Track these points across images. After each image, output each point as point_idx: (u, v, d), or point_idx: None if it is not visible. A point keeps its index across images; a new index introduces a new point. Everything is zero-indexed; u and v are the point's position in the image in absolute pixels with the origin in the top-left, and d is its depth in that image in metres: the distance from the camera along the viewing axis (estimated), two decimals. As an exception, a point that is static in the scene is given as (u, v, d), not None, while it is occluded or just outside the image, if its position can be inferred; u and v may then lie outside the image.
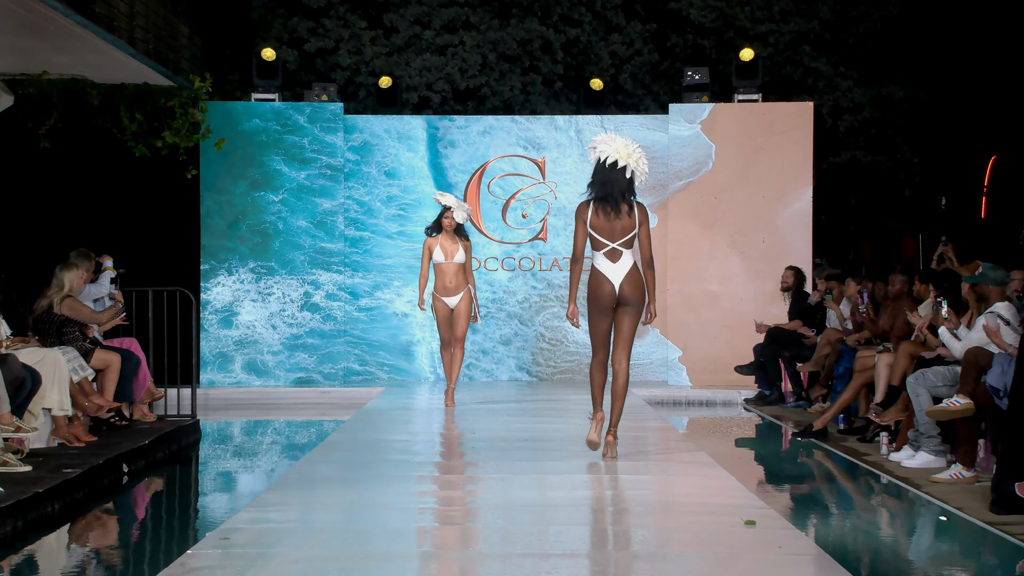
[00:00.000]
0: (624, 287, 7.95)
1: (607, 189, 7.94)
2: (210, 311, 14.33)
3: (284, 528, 6.15)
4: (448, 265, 11.11)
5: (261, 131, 14.43)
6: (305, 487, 7.28)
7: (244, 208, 14.38)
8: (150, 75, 13.13)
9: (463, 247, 11.14)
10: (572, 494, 7.01)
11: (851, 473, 8.98)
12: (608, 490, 7.26)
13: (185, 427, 10.69)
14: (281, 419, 12.80)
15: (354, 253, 14.74)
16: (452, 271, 11.12)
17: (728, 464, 8.31)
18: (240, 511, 6.56)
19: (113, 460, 8.68)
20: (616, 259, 7.97)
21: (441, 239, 11.13)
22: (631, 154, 7.95)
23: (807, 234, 14.41)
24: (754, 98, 14.65)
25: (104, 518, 7.77)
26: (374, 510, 6.61)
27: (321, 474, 7.75)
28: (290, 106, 14.55)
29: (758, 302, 14.32)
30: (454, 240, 11.14)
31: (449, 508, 6.88)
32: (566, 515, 6.46)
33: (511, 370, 14.84)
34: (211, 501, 8.43)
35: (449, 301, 11.19)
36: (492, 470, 7.86)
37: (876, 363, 10.01)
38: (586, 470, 7.75)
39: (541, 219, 14.94)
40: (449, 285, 11.13)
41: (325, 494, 7.05)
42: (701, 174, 14.47)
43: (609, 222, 7.93)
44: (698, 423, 12.49)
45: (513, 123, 14.95)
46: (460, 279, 11.15)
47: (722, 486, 7.29)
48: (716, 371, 14.19)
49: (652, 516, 6.70)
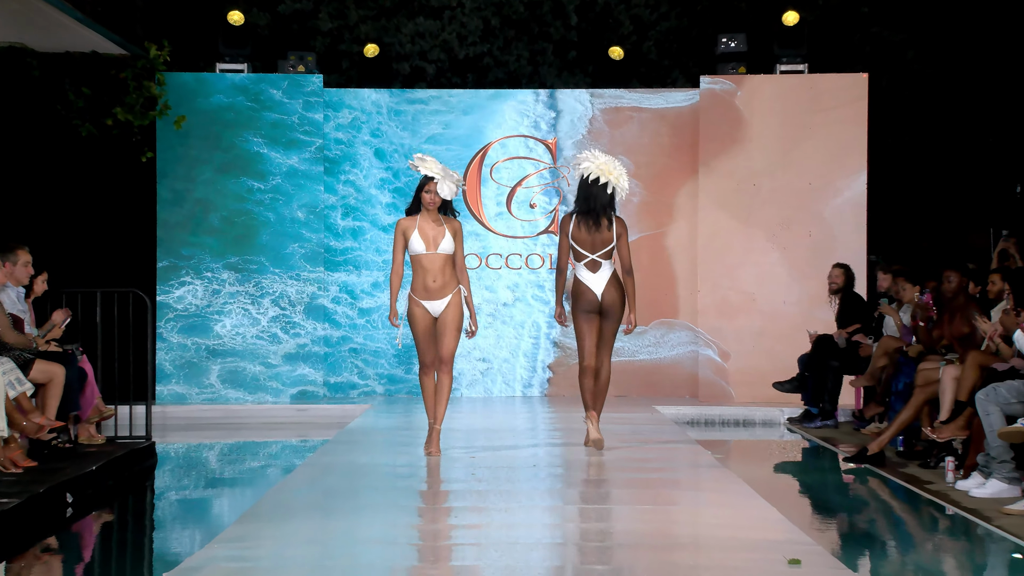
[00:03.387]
0: (605, 295, 9.73)
1: (589, 204, 9.72)
2: (172, 316, 14.32)
3: (253, 567, 6.14)
4: (430, 257, 9.46)
5: (228, 108, 14.43)
6: (277, 519, 7.26)
7: (208, 197, 14.37)
8: (99, 42, 13.14)
9: (451, 232, 9.48)
10: (588, 527, 6.99)
11: (911, 504, 8.96)
12: (630, 523, 7.25)
13: (139, 450, 10.68)
14: (251, 440, 12.79)
15: (349, 249, 14.72)
16: (436, 265, 9.47)
17: (769, 493, 8.30)
18: (202, 547, 6.55)
19: (56, 489, 8.66)
20: (596, 270, 9.75)
21: (420, 221, 9.48)
22: (612, 171, 9.72)
23: (860, 227, 14.38)
24: (799, 69, 14.64)
25: (45, 557, 7.75)
26: (357, 545, 6.59)
27: (296, 504, 7.74)
28: (263, 78, 14.56)
29: (802, 306, 14.30)
30: (437, 223, 9.49)
31: (443, 544, 6.85)
32: (581, 553, 6.44)
33: (517, 386, 14.83)
34: (168, 536, 8.42)
35: (431, 307, 9.53)
36: (494, 500, 7.84)
37: (940, 376, 9.98)
38: (605, 499, 7.73)
39: (552, 210, 14.94)
40: (432, 284, 9.49)
41: (300, 527, 7.04)
42: (736, 158, 14.45)
43: (590, 235, 9.71)
44: (734, 445, 12.47)
45: (520, 98, 14.94)
46: (447, 277, 9.50)
47: (761, 518, 7.27)
48: (754, 385, 14.17)
49: (681, 553, 6.68)
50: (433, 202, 9.44)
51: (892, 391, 11.46)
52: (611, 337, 9.86)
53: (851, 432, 12.33)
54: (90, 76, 13.68)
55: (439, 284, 9.49)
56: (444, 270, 9.50)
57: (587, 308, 9.74)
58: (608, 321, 9.80)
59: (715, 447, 11.74)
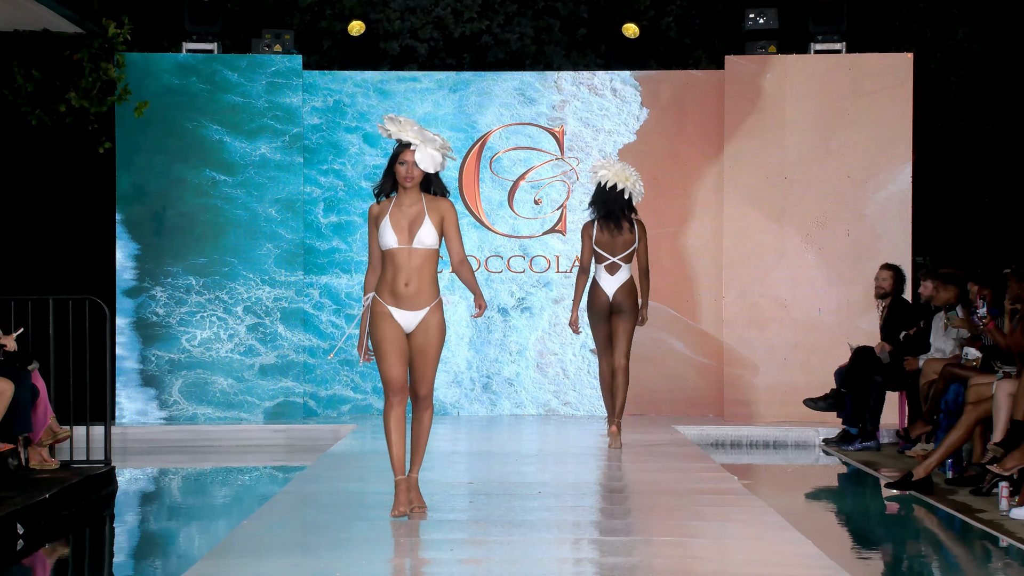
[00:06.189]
0: (617, 295, 11.31)
1: (609, 207, 11.33)
2: (134, 325, 14.32)
3: (225, 607, 6.16)
4: (404, 253, 7.94)
5: (195, 92, 14.42)
6: (251, 554, 7.28)
7: (169, 192, 14.35)
8: (51, 19, 13.14)
9: (434, 218, 8.00)
10: (603, 561, 7.00)
11: (961, 535, 8.97)
12: (646, 558, 7.26)
13: (96, 476, 10.69)
14: (222, 466, 12.79)
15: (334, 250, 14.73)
16: (412, 264, 7.95)
17: (803, 524, 8.30)
18: (168, 585, 6.57)
19: (5, 519, 8.68)
20: (614, 272, 11.35)
21: (392, 206, 8.03)
22: (628, 177, 11.32)
23: (905, 225, 14.38)
24: (836, 48, 14.65)
25: (-8, 594, 7.78)
26: (342, 584, 6.61)
27: (272, 539, 7.74)
28: (234, 58, 14.56)
29: (842, 313, 14.31)
30: (417, 204, 8.02)
31: (439, 581, 6.88)
32: (591, 590, 6.46)
33: (521, 403, 14.84)
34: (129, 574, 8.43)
35: (401, 317, 7.99)
36: (497, 531, 7.85)
37: (995, 392, 9.99)
38: (621, 530, 7.74)
39: (559, 206, 14.96)
40: (403, 289, 7.94)
41: (277, 564, 7.04)
42: (767, 147, 14.47)
43: (612, 238, 11.33)
44: (764, 470, 12.48)
45: (523, 80, 14.98)
46: (425, 282, 7.96)
47: (795, 553, 7.29)
48: (786, 403, 14.18)
49: (703, 591, 6.71)
50: (410, 176, 7.93)
51: (941, 409, 11.47)
52: (625, 335, 11.32)
53: (894, 455, 12.33)
54: (41, 57, 13.67)
55: (413, 289, 7.92)
56: (423, 271, 7.94)
57: (600, 311, 11.34)
58: (621, 321, 11.32)
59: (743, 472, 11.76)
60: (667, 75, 15.09)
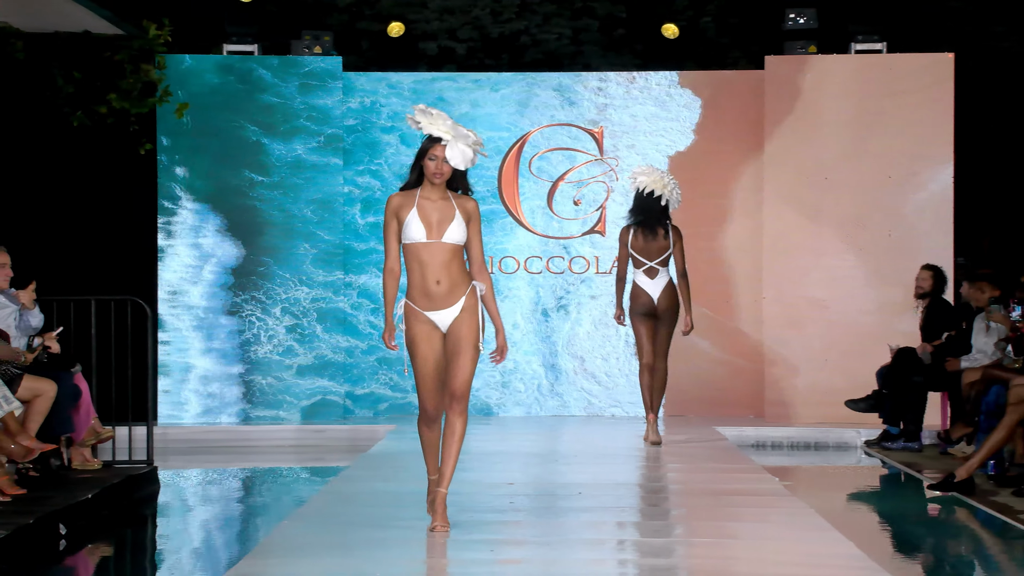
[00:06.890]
0: (661, 300, 11.64)
1: (646, 214, 11.64)
2: (176, 326, 14.39)
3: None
4: (431, 248, 7.65)
5: (234, 92, 14.49)
6: (290, 555, 7.29)
7: (210, 193, 14.43)
8: (92, 21, 13.21)
9: (463, 215, 7.71)
10: (643, 563, 7.00)
11: (1003, 537, 8.93)
12: (685, 559, 7.26)
13: (138, 476, 10.75)
14: (262, 466, 12.84)
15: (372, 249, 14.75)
16: (440, 260, 7.66)
17: (844, 525, 8.28)
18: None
19: (47, 519, 8.72)
20: (653, 276, 11.67)
21: (420, 198, 7.73)
22: (666, 184, 11.64)
23: (946, 226, 14.32)
24: (877, 48, 14.61)
25: (35, 594, 7.83)
26: (382, 584, 6.63)
27: (311, 539, 7.76)
28: (273, 60, 14.62)
29: (882, 314, 14.26)
30: (445, 199, 7.72)
31: (479, 582, 6.89)
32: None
33: (564, 404, 14.85)
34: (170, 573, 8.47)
35: (438, 319, 7.71)
36: (535, 532, 7.86)
37: (1037, 393, 9.96)
38: (659, 532, 7.73)
39: (599, 207, 14.96)
40: (434, 288, 7.66)
41: (316, 564, 7.06)
42: (806, 148, 14.43)
43: (647, 244, 11.65)
44: (803, 471, 12.45)
45: (561, 82, 14.98)
46: (455, 276, 7.68)
47: (836, 554, 7.27)
48: (826, 404, 14.14)
49: (744, 593, 6.71)
50: (440, 172, 7.63)
51: (982, 409, 11.44)
52: (665, 340, 11.79)
53: (936, 456, 12.30)
54: (81, 59, 13.73)
55: (445, 287, 7.63)
56: (451, 267, 7.65)
57: (642, 309, 11.67)
58: (663, 325, 11.74)
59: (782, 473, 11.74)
60: (707, 75, 15.08)
